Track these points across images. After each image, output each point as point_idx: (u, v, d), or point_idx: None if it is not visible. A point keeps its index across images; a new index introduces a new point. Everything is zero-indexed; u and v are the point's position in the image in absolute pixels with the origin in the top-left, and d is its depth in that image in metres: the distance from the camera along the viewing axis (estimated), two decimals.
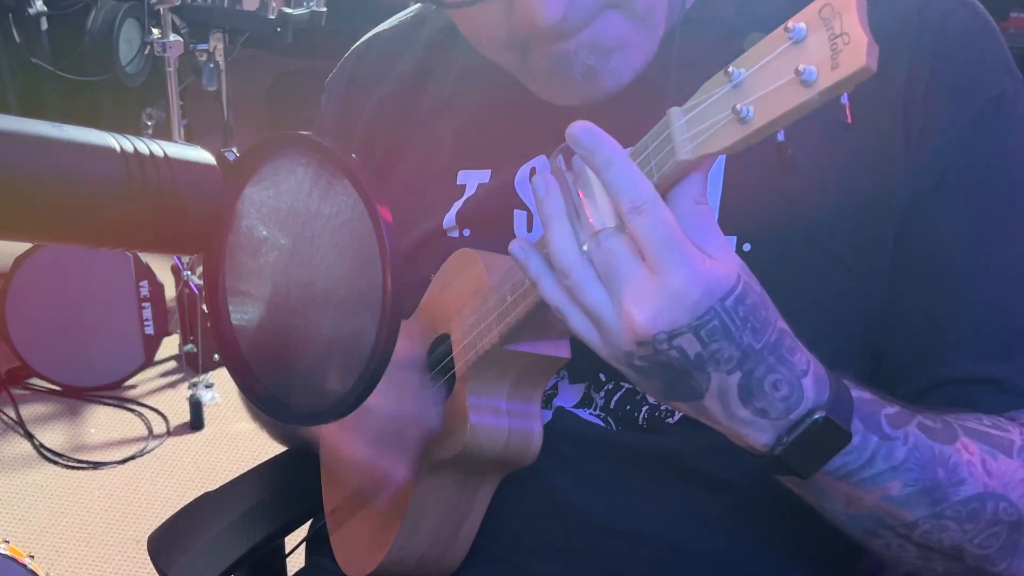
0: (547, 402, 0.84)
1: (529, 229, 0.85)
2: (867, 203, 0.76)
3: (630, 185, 0.61)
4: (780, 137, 0.72)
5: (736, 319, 0.62)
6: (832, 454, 0.66)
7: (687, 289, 0.61)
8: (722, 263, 0.62)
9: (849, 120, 0.70)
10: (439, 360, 0.84)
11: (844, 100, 0.74)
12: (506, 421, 0.80)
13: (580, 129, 0.63)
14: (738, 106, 0.58)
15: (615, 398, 0.83)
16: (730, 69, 0.59)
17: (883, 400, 0.70)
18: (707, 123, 0.60)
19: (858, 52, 0.53)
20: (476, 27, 0.79)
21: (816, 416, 0.64)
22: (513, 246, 0.68)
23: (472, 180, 0.88)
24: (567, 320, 0.66)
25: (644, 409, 0.82)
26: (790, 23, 0.57)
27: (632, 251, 0.62)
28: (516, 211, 0.85)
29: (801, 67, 0.55)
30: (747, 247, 0.78)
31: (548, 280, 0.66)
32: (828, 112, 0.60)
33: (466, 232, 0.87)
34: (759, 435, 0.65)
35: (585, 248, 0.64)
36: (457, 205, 0.87)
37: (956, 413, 0.73)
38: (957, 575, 0.73)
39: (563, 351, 0.78)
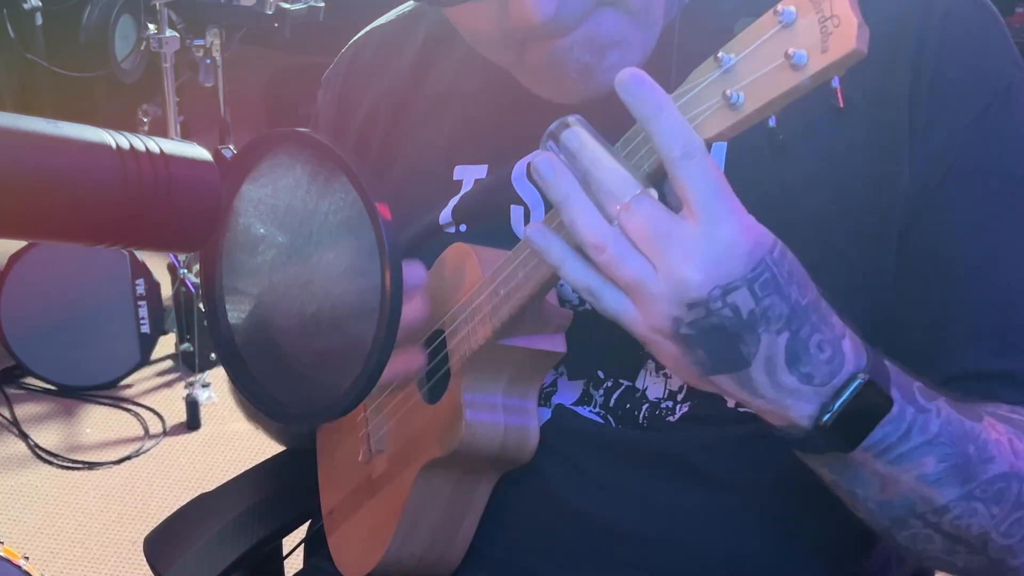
0: (546, 399, 0.84)
1: (526, 225, 0.84)
2: (868, 195, 0.76)
3: (682, 130, 0.60)
4: (771, 123, 0.71)
5: (784, 272, 0.61)
6: (875, 422, 0.64)
7: (738, 238, 0.60)
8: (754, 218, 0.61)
9: (841, 104, 0.69)
10: (434, 356, 0.83)
11: (835, 84, 0.73)
12: (502, 418, 0.79)
13: (630, 76, 0.61)
14: (728, 92, 0.58)
15: (614, 396, 0.82)
16: (720, 55, 0.59)
17: (911, 372, 0.69)
18: (697, 110, 0.60)
19: (848, 35, 0.53)
20: (471, 25, 0.78)
21: (860, 380, 0.63)
22: (530, 231, 0.66)
23: (468, 176, 0.87)
24: (599, 301, 0.64)
25: (644, 407, 0.81)
26: (780, 6, 0.56)
27: (670, 211, 0.61)
28: (513, 207, 0.84)
29: (791, 51, 0.55)
30: None
31: (574, 263, 0.64)
32: (819, 96, 0.59)
33: (462, 228, 0.87)
34: (804, 405, 0.64)
35: (614, 222, 0.62)
36: (453, 201, 0.87)
37: (974, 401, 0.73)
38: (976, 570, 0.72)
39: (559, 345, 0.78)
